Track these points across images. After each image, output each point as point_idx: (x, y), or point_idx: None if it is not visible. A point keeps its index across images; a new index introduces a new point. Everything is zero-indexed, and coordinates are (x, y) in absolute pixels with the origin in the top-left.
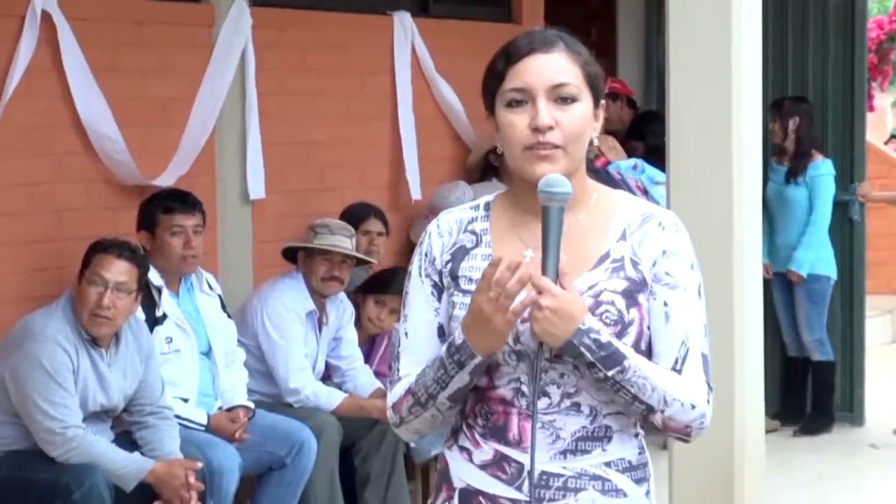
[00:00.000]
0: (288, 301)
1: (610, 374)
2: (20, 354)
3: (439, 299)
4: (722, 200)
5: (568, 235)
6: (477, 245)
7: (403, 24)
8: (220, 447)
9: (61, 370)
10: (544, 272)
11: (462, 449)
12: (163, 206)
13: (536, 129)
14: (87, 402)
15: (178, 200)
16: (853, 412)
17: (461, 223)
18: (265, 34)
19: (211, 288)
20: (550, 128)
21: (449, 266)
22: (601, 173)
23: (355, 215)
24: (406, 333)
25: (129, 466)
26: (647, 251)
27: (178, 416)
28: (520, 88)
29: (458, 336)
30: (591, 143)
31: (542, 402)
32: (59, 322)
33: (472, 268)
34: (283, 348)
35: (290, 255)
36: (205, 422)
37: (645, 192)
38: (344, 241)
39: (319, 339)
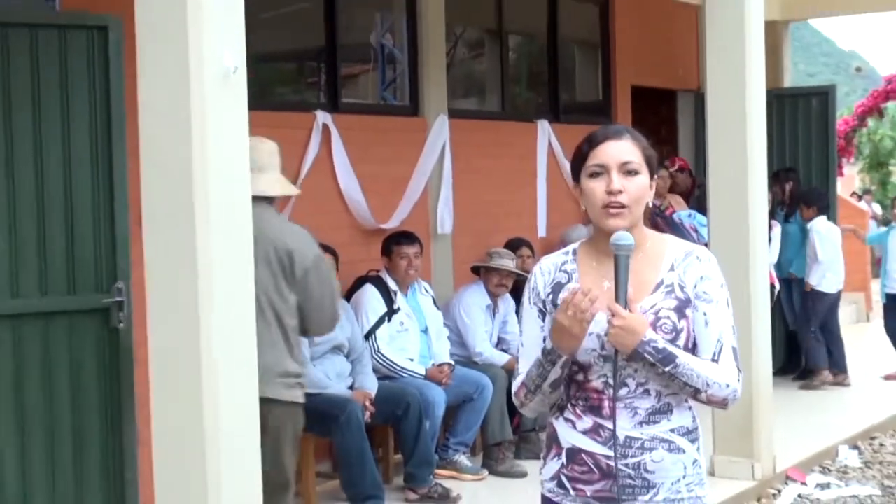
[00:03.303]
0: (475, 299)
1: (666, 369)
2: None
3: (543, 320)
4: (741, 234)
5: (632, 269)
6: (569, 281)
7: (543, 128)
8: (433, 388)
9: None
10: (617, 300)
11: (567, 420)
12: (395, 240)
13: (610, 192)
14: (326, 340)
15: (404, 237)
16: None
17: (556, 265)
18: (458, 135)
19: (427, 291)
20: (620, 191)
21: (551, 297)
22: (669, 218)
23: (514, 245)
24: (523, 344)
25: (340, 394)
26: (689, 278)
27: (405, 370)
28: (599, 164)
29: (548, 343)
30: (651, 205)
31: (623, 390)
32: None
33: None
34: (472, 328)
35: (476, 270)
36: (423, 373)
37: (695, 231)
38: (509, 262)
39: (494, 321)
